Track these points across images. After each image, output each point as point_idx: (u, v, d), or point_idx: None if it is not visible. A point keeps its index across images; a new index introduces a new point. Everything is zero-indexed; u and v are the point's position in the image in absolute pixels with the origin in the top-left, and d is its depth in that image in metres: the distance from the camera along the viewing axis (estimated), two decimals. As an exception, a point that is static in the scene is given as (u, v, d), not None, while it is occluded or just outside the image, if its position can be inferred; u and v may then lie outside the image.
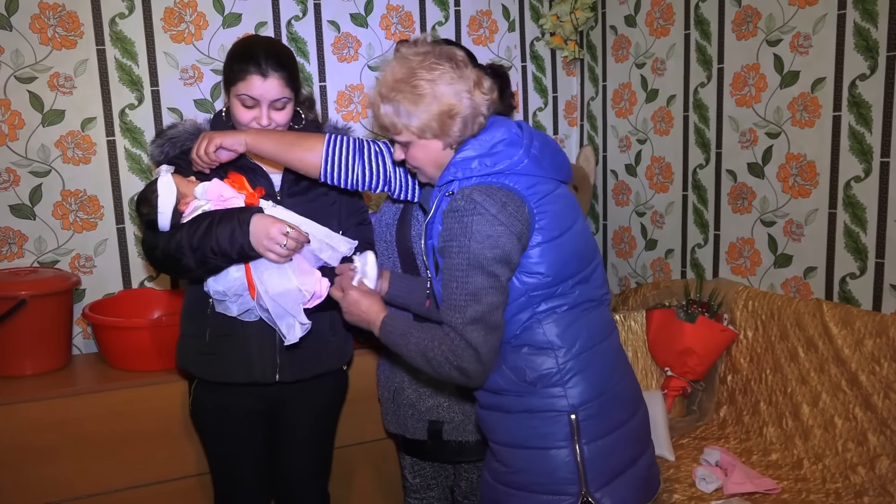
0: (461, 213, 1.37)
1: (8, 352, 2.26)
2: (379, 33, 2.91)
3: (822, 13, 2.27)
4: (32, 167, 2.47)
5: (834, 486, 2.08)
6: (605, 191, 3.24)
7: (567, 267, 1.45)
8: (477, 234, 1.36)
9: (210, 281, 1.73)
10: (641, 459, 1.55)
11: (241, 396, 1.85)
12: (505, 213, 1.37)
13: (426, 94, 1.41)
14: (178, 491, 2.29)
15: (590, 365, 1.47)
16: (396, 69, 1.44)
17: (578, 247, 1.48)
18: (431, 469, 2.10)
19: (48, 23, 2.45)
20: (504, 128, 1.48)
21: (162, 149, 1.83)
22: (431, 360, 1.43)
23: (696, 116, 2.75)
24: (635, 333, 2.69)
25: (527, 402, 1.47)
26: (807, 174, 2.37)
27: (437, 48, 1.46)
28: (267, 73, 1.72)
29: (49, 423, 2.14)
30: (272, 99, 1.74)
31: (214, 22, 2.65)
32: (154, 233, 1.72)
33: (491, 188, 1.39)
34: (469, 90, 1.43)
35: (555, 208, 1.45)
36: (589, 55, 3.25)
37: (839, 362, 2.17)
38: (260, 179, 1.80)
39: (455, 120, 1.43)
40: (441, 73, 1.42)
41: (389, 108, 1.44)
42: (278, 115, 1.77)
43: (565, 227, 1.46)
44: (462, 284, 1.38)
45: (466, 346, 1.38)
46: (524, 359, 1.46)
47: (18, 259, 2.48)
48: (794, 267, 2.45)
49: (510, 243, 1.37)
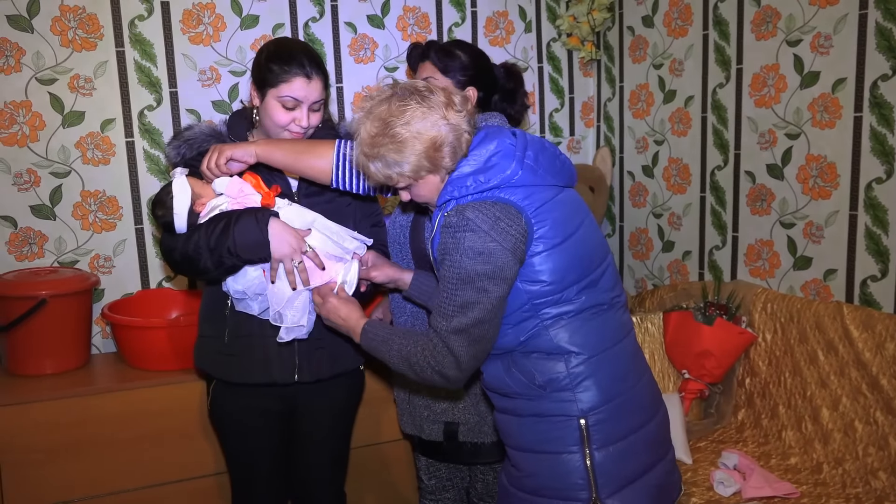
0: (454, 230, 1.39)
1: (28, 351, 2.28)
2: (395, 35, 2.91)
3: (844, 13, 2.24)
4: (53, 168, 2.50)
5: (854, 491, 2.05)
6: (621, 192, 3.23)
7: (570, 273, 1.44)
8: (469, 251, 1.37)
9: (229, 281, 1.74)
10: (658, 466, 1.52)
11: (260, 397, 1.86)
12: (497, 229, 1.37)
13: (406, 138, 1.41)
14: (196, 490, 2.31)
15: (600, 369, 1.45)
16: (369, 126, 1.44)
17: (583, 251, 1.47)
18: (447, 470, 2.10)
19: (69, 25, 2.47)
20: (497, 139, 1.46)
21: (178, 150, 1.84)
22: (414, 364, 1.46)
23: (715, 117, 2.73)
24: (652, 336, 2.68)
25: (537, 406, 1.47)
26: (827, 175, 2.35)
27: (396, 87, 1.46)
28: (311, 74, 1.74)
29: (68, 421, 2.16)
30: (314, 100, 1.76)
31: (232, 24, 2.67)
32: (171, 235, 1.73)
33: (485, 204, 1.40)
34: (444, 115, 1.42)
35: (555, 215, 1.44)
36: (606, 56, 3.23)
37: (860, 366, 2.15)
38: (277, 179, 1.81)
39: (442, 151, 1.42)
40: (412, 112, 1.41)
41: (378, 164, 1.44)
42: (315, 117, 1.79)
43: (568, 233, 1.45)
44: (452, 295, 1.40)
45: (448, 353, 1.41)
46: (534, 363, 1.46)
47: (39, 259, 2.51)
48: (814, 269, 2.43)
49: (503, 259, 1.37)
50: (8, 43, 2.40)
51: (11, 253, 2.47)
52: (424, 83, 1.47)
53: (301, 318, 1.72)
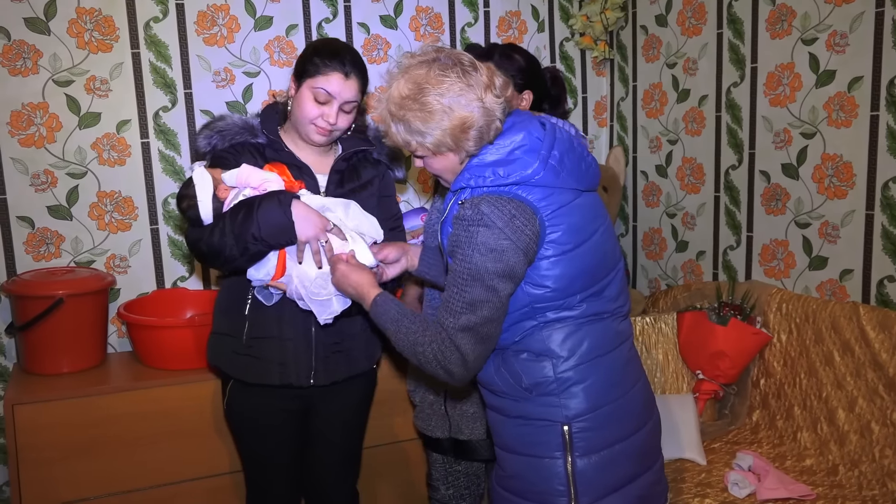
0: (468, 223, 1.36)
1: (45, 350, 2.30)
2: (408, 35, 2.92)
3: (860, 11, 2.23)
4: (69, 169, 2.52)
5: (871, 494, 2.04)
6: (634, 192, 3.22)
7: (575, 282, 1.41)
8: (481, 247, 1.34)
9: (251, 270, 1.74)
10: (643, 477, 1.50)
11: (276, 398, 1.87)
12: (512, 227, 1.34)
13: (436, 109, 1.36)
14: (211, 489, 2.32)
15: (589, 376, 1.43)
16: (402, 85, 1.39)
17: (593, 260, 1.43)
18: (465, 479, 2.09)
19: (85, 27, 2.49)
20: (525, 132, 1.41)
21: (210, 140, 1.83)
22: (419, 353, 1.42)
23: (729, 116, 2.71)
24: (666, 336, 2.67)
25: (523, 408, 1.46)
26: (843, 175, 2.33)
27: (441, 53, 1.40)
28: (350, 73, 1.75)
29: (84, 420, 2.18)
30: (346, 100, 1.76)
31: (246, 25, 2.68)
32: (197, 228, 1.73)
33: (501, 199, 1.36)
34: (480, 97, 1.37)
35: (571, 220, 1.40)
36: (619, 55, 3.22)
37: (876, 367, 2.13)
38: (306, 178, 1.81)
39: (469, 133, 1.37)
40: (449, 85, 1.36)
41: (401, 126, 1.40)
42: (344, 119, 1.79)
43: (581, 240, 1.41)
44: (461, 292, 1.37)
45: (455, 350, 1.38)
46: (522, 364, 1.44)
47: (56, 259, 2.53)
48: (830, 269, 2.41)
49: (515, 258, 1.35)
50: (25, 45, 2.43)
51: (29, 253, 2.50)
52: (470, 57, 1.41)
53: (329, 290, 1.70)
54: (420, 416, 2.11)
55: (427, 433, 2.09)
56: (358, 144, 1.90)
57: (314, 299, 1.68)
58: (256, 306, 1.81)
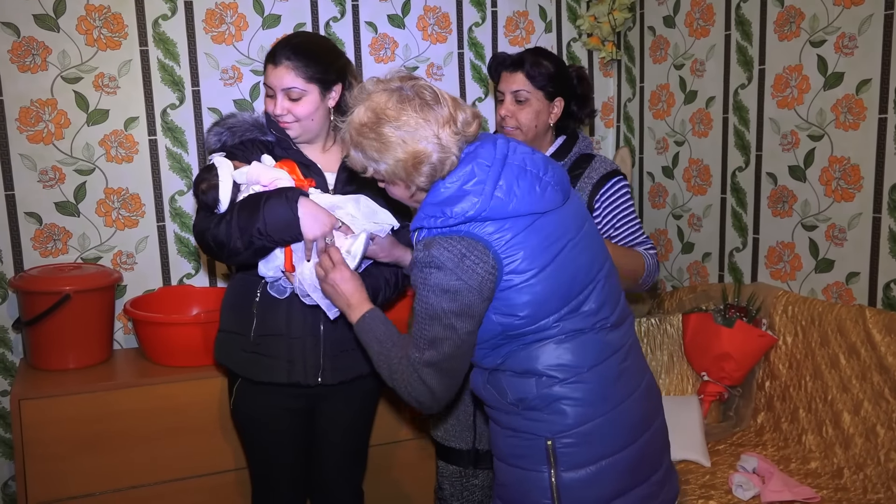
0: (422, 265, 1.36)
1: (52, 345, 2.31)
2: (416, 34, 2.92)
3: (869, 13, 2.22)
4: (77, 165, 2.53)
5: (876, 497, 2.03)
6: (641, 193, 3.21)
7: (547, 304, 1.39)
8: (435, 288, 1.35)
9: (260, 265, 1.74)
10: (639, 489, 1.47)
11: (283, 396, 1.87)
12: (462, 268, 1.33)
13: (391, 141, 1.36)
14: (216, 486, 2.33)
15: (574, 392, 1.41)
16: (362, 112, 1.39)
17: (564, 278, 1.40)
18: (480, 493, 2.08)
19: (94, 24, 2.50)
20: (473, 163, 1.38)
21: (220, 136, 1.84)
22: (396, 381, 1.45)
23: (736, 118, 2.71)
24: (671, 337, 2.67)
25: (511, 421, 1.46)
26: (850, 177, 2.33)
27: (406, 83, 1.40)
28: (279, 61, 1.75)
29: (90, 415, 2.19)
30: (283, 87, 1.76)
31: (254, 23, 2.69)
32: (206, 217, 1.73)
33: (451, 240, 1.35)
34: (436, 133, 1.35)
35: (531, 243, 1.37)
36: (626, 56, 3.22)
37: (882, 370, 2.13)
38: (314, 176, 1.82)
39: (420, 168, 1.37)
40: (406, 118, 1.36)
41: (358, 152, 1.41)
42: (296, 107, 1.77)
43: (545, 262, 1.38)
44: (422, 329, 1.39)
45: (421, 383, 1.40)
46: (507, 380, 1.45)
47: (63, 255, 2.54)
48: (836, 272, 2.40)
49: (469, 297, 1.35)
50: (34, 42, 2.44)
51: (36, 249, 2.51)
52: (434, 90, 1.40)
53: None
54: (440, 426, 2.08)
55: (446, 444, 2.07)
56: None
57: (322, 298, 1.69)
58: (265, 304, 1.82)
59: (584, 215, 1.51)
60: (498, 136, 1.47)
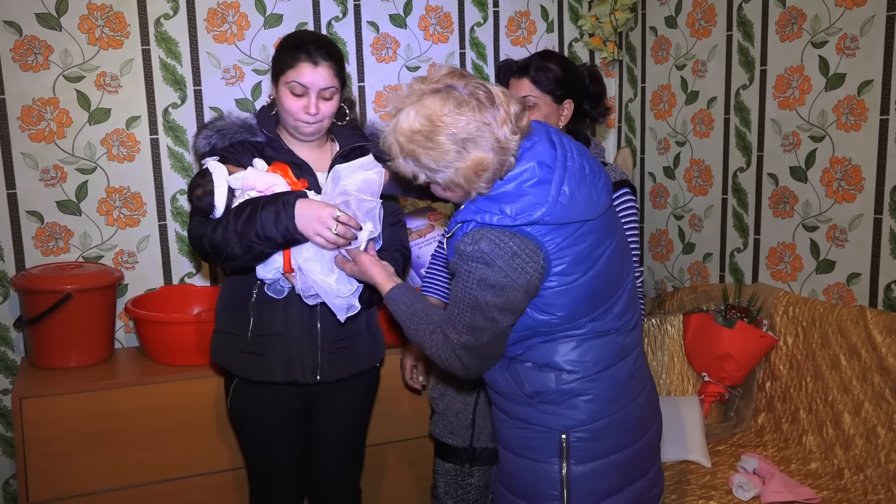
0: (468, 258, 1.32)
1: (53, 344, 2.31)
2: (417, 34, 2.92)
3: (871, 14, 2.22)
4: (79, 164, 2.53)
5: (876, 498, 2.03)
6: (642, 193, 3.21)
7: (580, 309, 1.40)
8: (481, 283, 1.33)
9: (259, 268, 1.75)
10: (636, 484, 1.51)
11: (281, 395, 1.87)
12: (512, 266, 1.31)
13: (449, 150, 1.28)
14: (215, 485, 2.33)
15: (590, 390, 1.43)
16: (412, 117, 1.30)
17: (601, 284, 1.41)
18: (476, 493, 2.08)
19: (96, 23, 2.50)
20: (535, 161, 1.32)
21: (209, 140, 1.84)
22: (426, 350, 1.45)
23: (738, 119, 2.71)
24: (672, 338, 2.66)
25: (523, 412, 1.47)
26: (852, 178, 2.33)
27: (458, 81, 1.31)
28: (318, 61, 1.74)
29: (91, 414, 2.19)
30: (321, 87, 1.76)
31: (256, 23, 2.69)
32: (201, 222, 1.73)
33: (503, 235, 1.31)
34: (496, 135, 1.28)
35: (578, 249, 1.36)
36: (628, 56, 3.22)
37: (883, 371, 2.13)
38: (306, 176, 1.82)
39: (482, 175, 1.31)
40: (465, 124, 1.27)
41: (410, 161, 1.33)
42: (326, 106, 1.78)
43: (587, 268, 1.38)
44: (462, 315, 1.37)
45: (457, 359, 1.41)
46: (526, 372, 1.45)
47: (64, 254, 2.54)
48: (837, 273, 2.40)
49: (514, 295, 1.34)
50: (37, 41, 2.44)
51: (38, 248, 2.51)
52: (486, 88, 1.32)
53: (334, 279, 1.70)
54: (439, 422, 2.09)
55: (443, 440, 2.07)
56: (354, 141, 1.90)
57: (329, 298, 1.70)
58: (261, 303, 1.82)
59: (618, 220, 1.52)
60: (549, 130, 1.42)
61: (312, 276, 1.69)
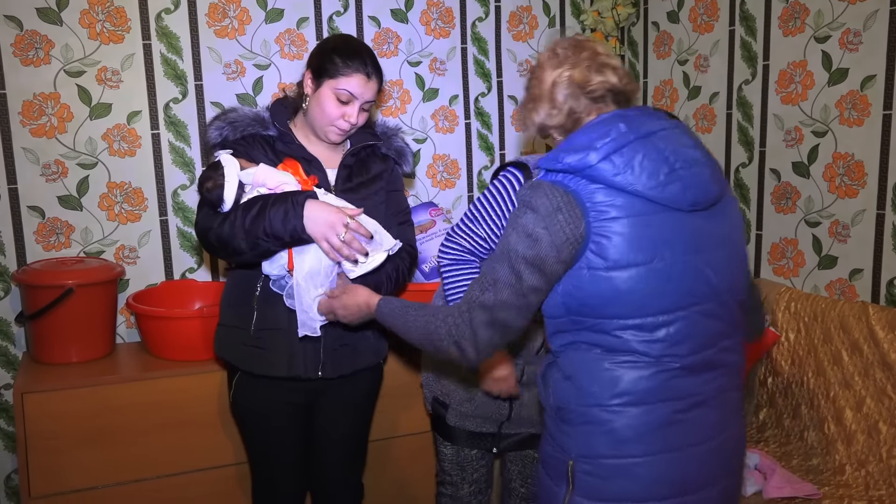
0: (521, 202, 1.34)
1: (54, 339, 2.32)
2: (419, 29, 2.91)
3: (874, 9, 2.21)
4: (80, 159, 2.53)
5: (878, 493, 2.03)
6: (644, 189, 3.21)
7: (611, 306, 1.29)
8: (521, 229, 1.31)
9: (265, 264, 1.75)
10: None
11: (283, 390, 1.87)
12: (552, 219, 1.27)
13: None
14: (217, 480, 2.33)
15: (610, 421, 1.30)
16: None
17: (646, 289, 1.27)
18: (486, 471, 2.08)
19: (97, 18, 2.50)
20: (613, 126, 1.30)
21: (221, 131, 1.83)
22: (432, 332, 1.41)
23: (740, 114, 2.70)
24: (673, 333, 2.66)
25: (549, 424, 1.42)
26: (854, 174, 2.32)
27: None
28: (371, 74, 1.77)
29: (93, 409, 2.20)
30: (367, 100, 1.79)
31: (257, 17, 2.68)
32: (209, 214, 1.73)
33: (556, 189, 1.29)
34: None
35: (633, 235, 1.26)
36: (630, 52, 3.21)
37: (885, 367, 2.12)
38: (315, 171, 1.82)
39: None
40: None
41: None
42: (362, 117, 1.82)
43: (637, 261, 1.27)
44: (492, 268, 1.35)
45: (468, 326, 1.35)
46: (555, 381, 1.38)
47: (65, 249, 2.54)
48: (840, 269, 2.40)
49: (546, 249, 1.28)
50: (37, 35, 2.44)
51: (39, 243, 2.51)
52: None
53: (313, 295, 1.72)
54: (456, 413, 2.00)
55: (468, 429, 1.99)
56: (366, 139, 1.90)
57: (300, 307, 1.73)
58: (265, 298, 1.82)
59: (728, 239, 1.37)
60: (660, 113, 1.39)
61: (298, 277, 1.70)
